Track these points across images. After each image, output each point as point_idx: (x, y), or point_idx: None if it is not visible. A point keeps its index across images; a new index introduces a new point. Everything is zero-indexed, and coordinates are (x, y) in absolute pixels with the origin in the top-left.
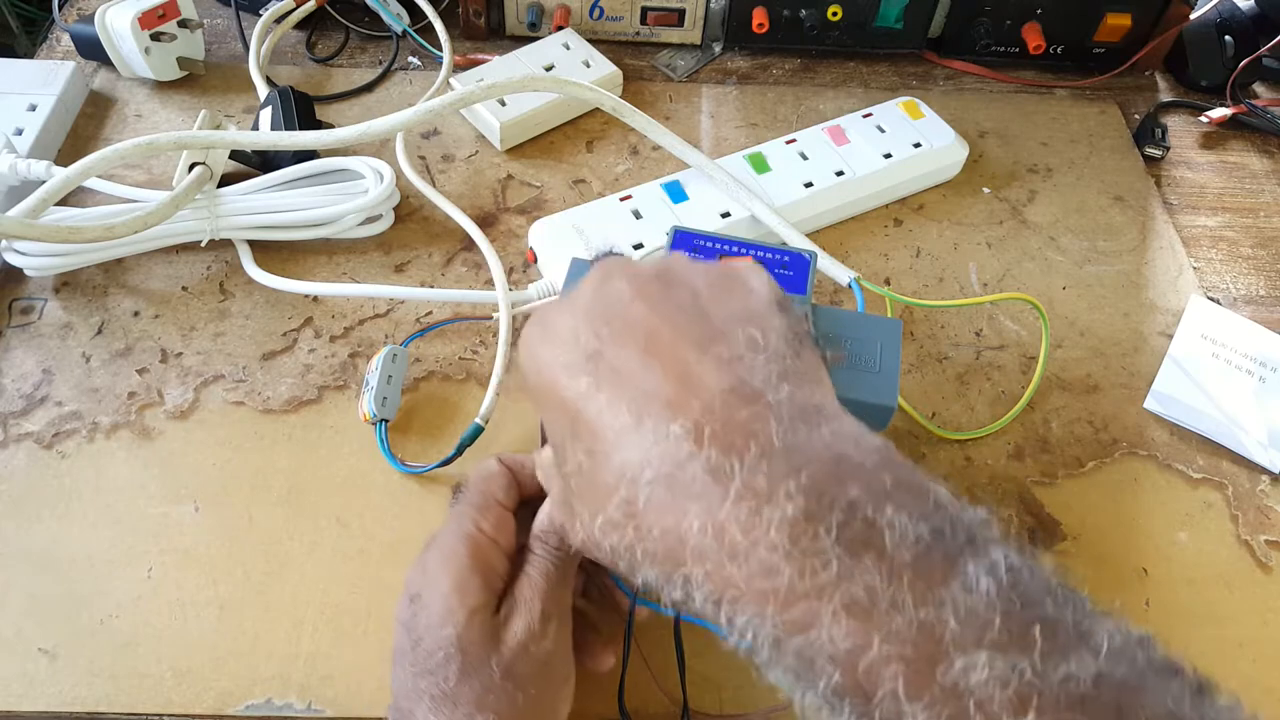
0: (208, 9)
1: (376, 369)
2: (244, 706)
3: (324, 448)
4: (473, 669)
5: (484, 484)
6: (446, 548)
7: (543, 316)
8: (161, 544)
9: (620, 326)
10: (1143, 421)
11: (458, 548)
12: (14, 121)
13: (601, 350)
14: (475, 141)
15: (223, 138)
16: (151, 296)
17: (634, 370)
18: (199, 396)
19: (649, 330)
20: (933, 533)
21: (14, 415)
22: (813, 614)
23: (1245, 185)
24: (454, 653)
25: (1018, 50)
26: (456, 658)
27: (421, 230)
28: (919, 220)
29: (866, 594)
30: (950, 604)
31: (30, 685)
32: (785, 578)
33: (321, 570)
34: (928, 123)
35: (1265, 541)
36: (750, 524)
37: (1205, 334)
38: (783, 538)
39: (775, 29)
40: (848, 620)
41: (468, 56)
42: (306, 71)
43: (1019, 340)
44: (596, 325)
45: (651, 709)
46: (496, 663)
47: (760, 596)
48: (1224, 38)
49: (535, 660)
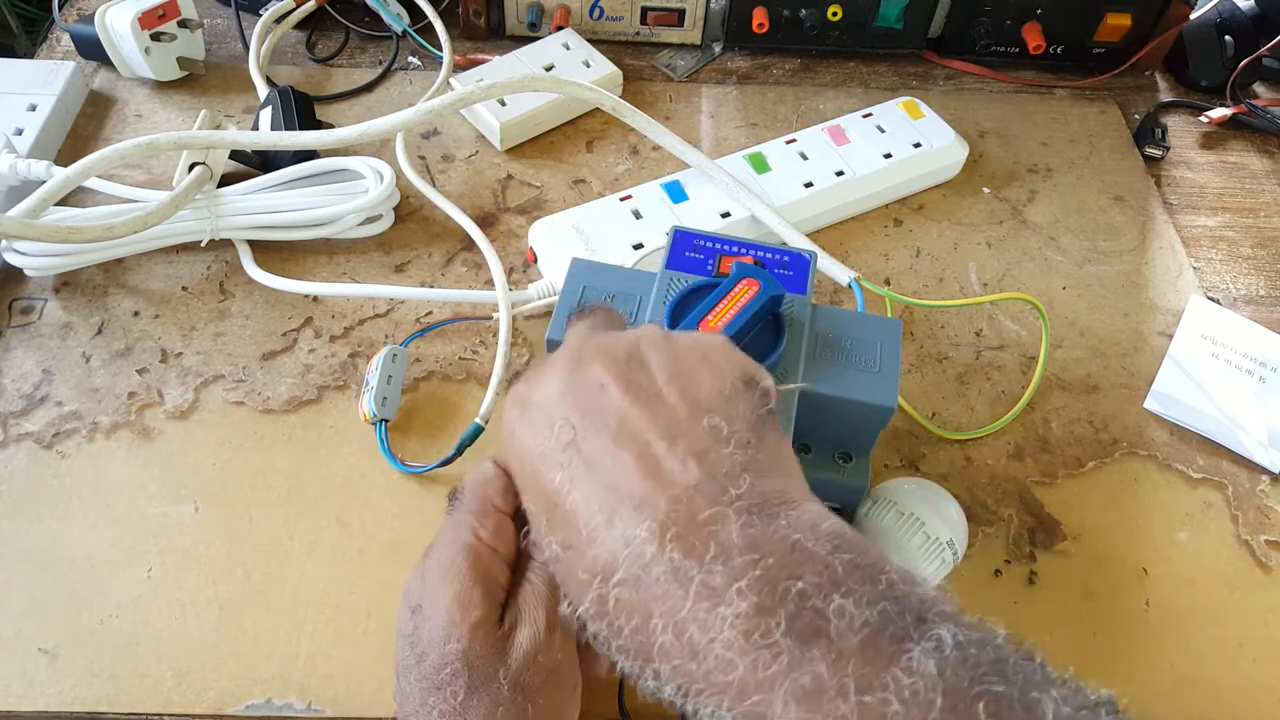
0: (208, 9)
1: (376, 369)
2: (244, 706)
3: (324, 448)
4: (480, 683)
5: (481, 489)
6: (445, 559)
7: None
8: (161, 544)
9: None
10: (1143, 421)
11: (457, 559)
12: (14, 121)
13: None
14: (475, 141)
15: (223, 138)
16: (151, 296)
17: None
18: (199, 396)
19: (620, 418)
20: (880, 615)
21: (14, 415)
22: (765, 704)
23: (1245, 185)
24: (460, 668)
25: (1018, 50)
26: (463, 673)
27: (421, 230)
28: (919, 220)
29: (814, 682)
30: (893, 687)
31: (30, 685)
32: (739, 672)
33: (321, 570)
34: (928, 123)
35: (1265, 541)
36: (707, 622)
37: (1205, 334)
38: (736, 634)
39: (775, 29)
40: (796, 708)
41: (468, 56)
42: (306, 71)
43: (1019, 340)
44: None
45: (651, 709)
46: (504, 675)
47: (719, 689)
48: (1224, 38)
49: (543, 670)
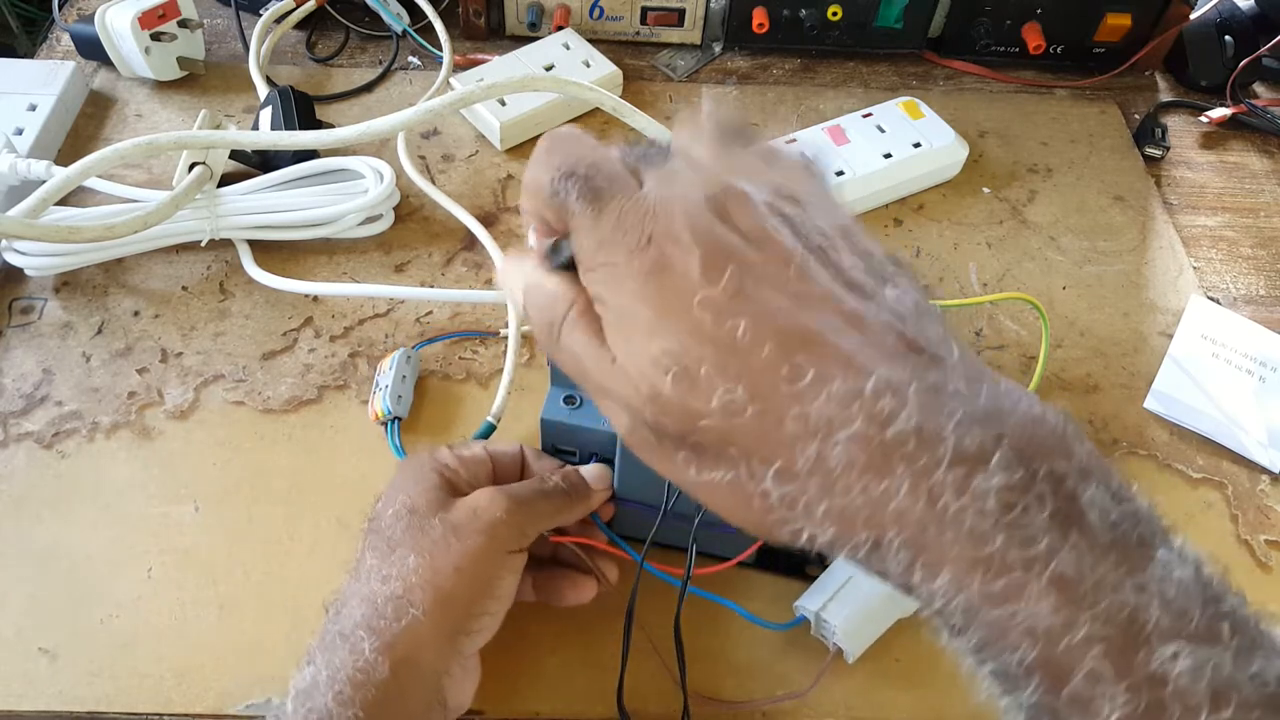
0: (208, 9)
1: (390, 369)
2: (244, 706)
3: (324, 448)
4: (418, 523)
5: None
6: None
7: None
8: (161, 544)
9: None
10: (1143, 421)
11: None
12: (14, 121)
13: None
14: (475, 141)
15: (223, 138)
16: (151, 296)
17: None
18: (199, 396)
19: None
20: (1126, 515)
21: (14, 415)
22: (1018, 587)
23: (1245, 185)
24: (403, 512)
25: (1018, 50)
26: (405, 517)
27: (422, 230)
28: (919, 220)
29: (1075, 572)
30: (1151, 590)
31: (30, 685)
32: (995, 547)
33: (321, 570)
34: (928, 123)
35: (1265, 541)
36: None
37: (1205, 334)
38: (995, 506)
39: (775, 29)
40: (1056, 596)
41: (468, 56)
42: (306, 71)
43: (1019, 340)
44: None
45: (651, 709)
46: (441, 519)
47: (965, 564)
48: (1224, 38)
49: (481, 520)
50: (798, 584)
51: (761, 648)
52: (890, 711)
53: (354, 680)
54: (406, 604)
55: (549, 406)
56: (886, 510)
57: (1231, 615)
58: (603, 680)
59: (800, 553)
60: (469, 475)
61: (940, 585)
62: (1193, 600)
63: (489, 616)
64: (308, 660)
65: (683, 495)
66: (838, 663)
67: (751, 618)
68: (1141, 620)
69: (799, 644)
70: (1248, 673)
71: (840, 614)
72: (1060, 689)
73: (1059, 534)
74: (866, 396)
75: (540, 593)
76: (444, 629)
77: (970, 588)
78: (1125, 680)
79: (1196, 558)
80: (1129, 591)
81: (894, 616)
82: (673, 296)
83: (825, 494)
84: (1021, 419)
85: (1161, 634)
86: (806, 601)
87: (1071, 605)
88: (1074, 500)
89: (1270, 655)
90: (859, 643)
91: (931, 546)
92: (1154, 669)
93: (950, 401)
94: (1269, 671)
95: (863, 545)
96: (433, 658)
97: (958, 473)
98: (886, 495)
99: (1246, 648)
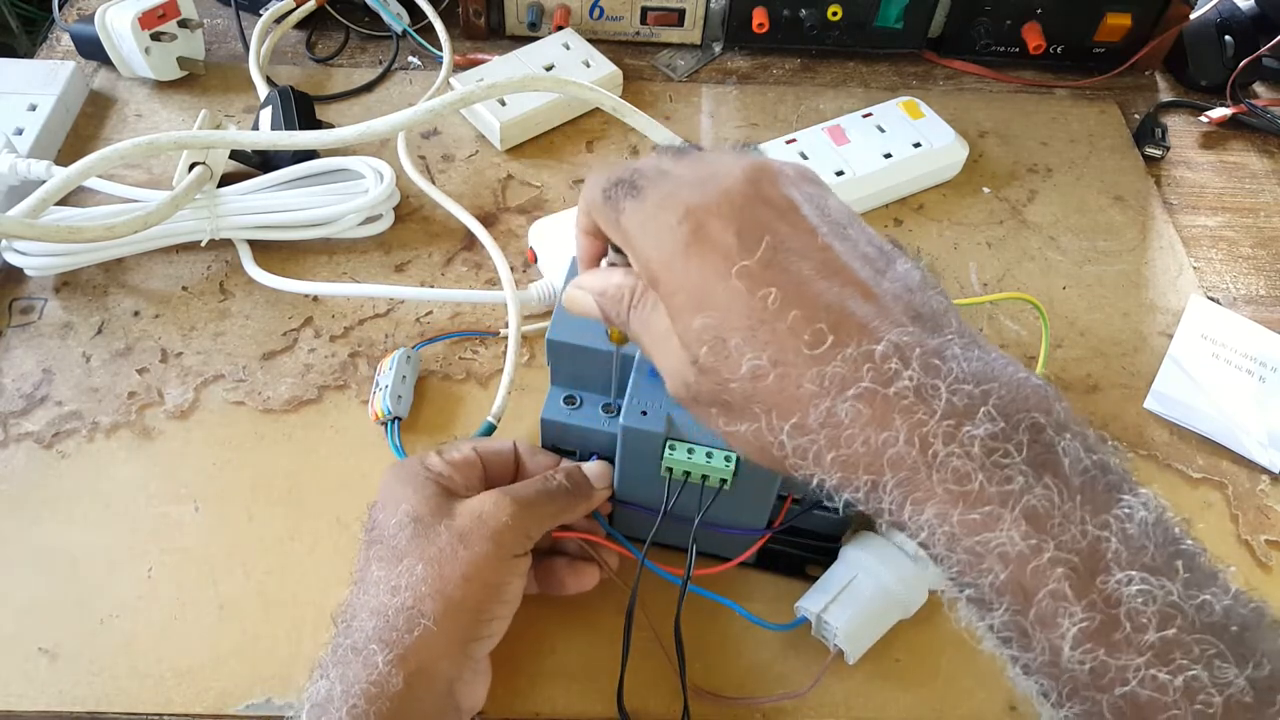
0: (208, 9)
1: (391, 369)
2: (244, 706)
3: (324, 448)
4: (423, 531)
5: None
6: (405, 470)
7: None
8: (161, 544)
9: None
10: (1143, 421)
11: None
12: (14, 121)
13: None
14: (475, 141)
15: (223, 138)
16: (151, 296)
17: (819, 284)
18: (199, 396)
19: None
20: (1098, 465)
21: (14, 415)
22: (994, 518)
23: (1245, 185)
24: (407, 521)
25: (1018, 50)
26: (409, 525)
27: (422, 230)
28: (919, 220)
29: (1045, 506)
30: (1114, 526)
31: (30, 685)
32: (976, 484)
33: (321, 570)
34: (928, 123)
35: (1265, 541)
36: (951, 436)
37: (1205, 334)
38: (979, 451)
39: (775, 29)
40: (1026, 526)
41: (468, 56)
42: (306, 71)
43: (1019, 340)
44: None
45: (652, 709)
46: (446, 525)
47: (949, 499)
48: (1224, 38)
49: (486, 526)
50: (798, 584)
51: (762, 648)
52: (890, 711)
53: (368, 694)
54: (417, 614)
55: (549, 406)
56: (884, 457)
57: (1186, 555)
58: (603, 680)
59: (800, 553)
60: (463, 479)
61: (926, 518)
62: (1150, 539)
63: (499, 621)
64: (321, 674)
65: (682, 497)
66: (838, 663)
67: (752, 618)
68: (1101, 550)
69: (799, 644)
70: (1195, 602)
71: (842, 616)
72: (1027, 608)
73: (1034, 475)
74: (876, 359)
75: (542, 583)
76: (455, 637)
77: (952, 519)
78: (1084, 600)
79: (1161, 506)
80: (1093, 526)
81: (894, 618)
82: (711, 268)
83: (833, 445)
84: (1008, 380)
85: (1119, 562)
86: (808, 603)
87: (1040, 534)
88: (1050, 448)
89: (1219, 593)
90: (860, 644)
91: (922, 486)
92: (1109, 591)
93: (947, 363)
94: (1215, 604)
95: (863, 487)
96: (446, 666)
97: (948, 424)
98: (886, 444)
99: (1197, 582)
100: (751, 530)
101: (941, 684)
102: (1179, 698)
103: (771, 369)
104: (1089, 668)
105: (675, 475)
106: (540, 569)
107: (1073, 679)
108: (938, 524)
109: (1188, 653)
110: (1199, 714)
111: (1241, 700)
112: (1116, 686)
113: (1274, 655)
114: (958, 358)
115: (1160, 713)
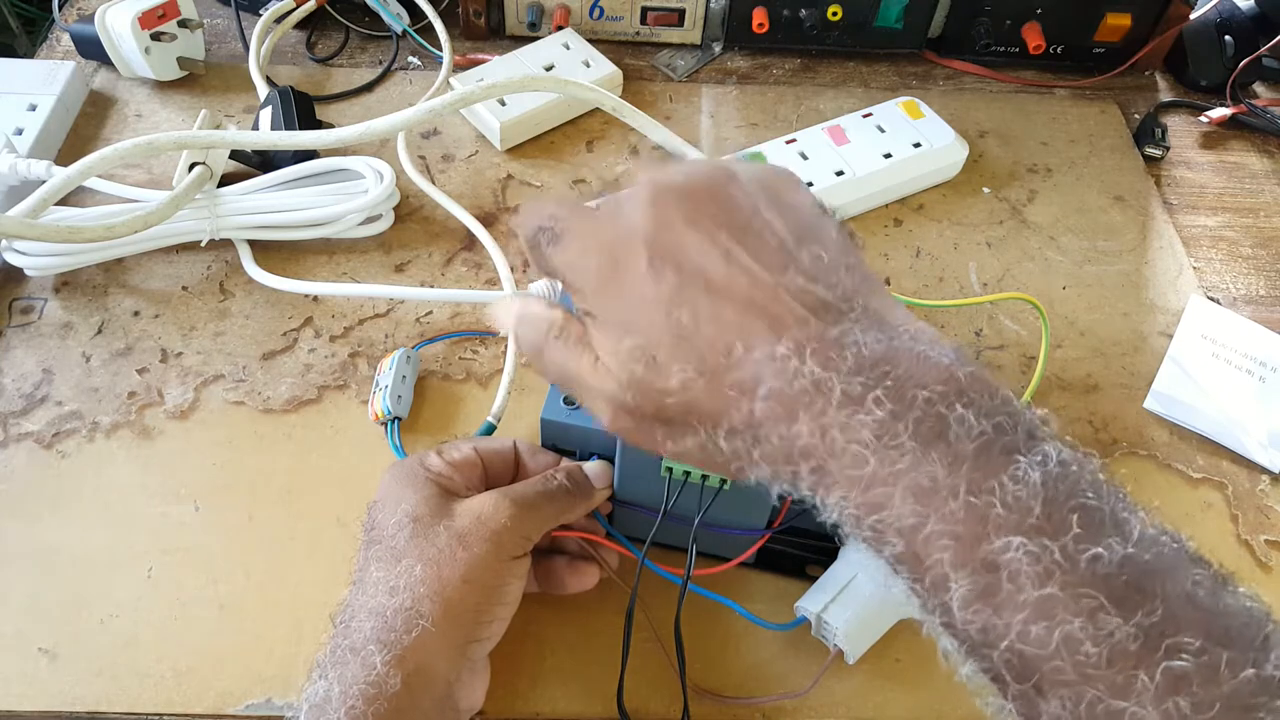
0: (208, 9)
1: (390, 369)
2: (244, 706)
3: (324, 448)
4: (422, 531)
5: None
6: (403, 470)
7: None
8: (161, 544)
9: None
10: (1143, 421)
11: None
12: (14, 121)
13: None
14: (475, 141)
15: (223, 138)
16: (151, 296)
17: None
18: (199, 396)
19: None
20: (995, 428)
21: (14, 415)
22: (886, 497)
23: (1245, 185)
24: (406, 521)
25: (1018, 50)
26: (408, 525)
27: (422, 230)
28: (919, 220)
29: (930, 482)
30: (999, 492)
31: (30, 685)
32: (870, 468)
33: (321, 570)
34: (928, 123)
35: (1265, 541)
36: (848, 426)
37: (1205, 334)
38: (870, 435)
39: (775, 29)
40: (912, 503)
41: (468, 56)
42: (306, 71)
43: (1019, 340)
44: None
45: (652, 709)
46: (446, 526)
47: (849, 482)
48: (1224, 38)
49: (485, 528)
50: (798, 584)
51: (762, 648)
52: (890, 711)
53: (366, 695)
54: (416, 616)
55: (549, 406)
56: (796, 449)
57: (1085, 508)
58: (603, 680)
59: (800, 553)
60: (463, 479)
61: (834, 500)
62: (1039, 498)
63: (498, 622)
64: (319, 674)
65: (682, 497)
66: (838, 663)
67: (752, 618)
68: (983, 518)
69: (799, 644)
70: (1086, 555)
71: (842, 616)
72: (923, 576)
73: (921, 451)
74: (778, 359)
75: (542, 583)
76: (454, 639)
77: (854, 500)
78: (965, 567)
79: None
80: (976, 495)
81: (894, 618)
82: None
83: (756, 443)
84: (908, 358)
85: (999, 528)
86: (807, 603)
87: (924, 509)
88: (942, 420)
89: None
90: (860, 645)
91: (829, 472)
92: (987, 557)
93: (844, 352)
94: (1111, 554)
95: (787, 479)
96: (444, 667)
97: (844, 413)
98: (795, 437)
99: (1092, 535)
100: (751, 530)
101: (941, 684)
102: (1058, 648)
103: (699, 378)
104: (978, 626)
105: (675, 475)
106: (540, 568)
107: (968, 637)
108: (845, 505)
109: (1068, 607)
110: (1079, 664)
111: (1126, 648)
112: (1001, 642)
113: (1173, 598)
114: (857, 343)
115: (1044, 663)
